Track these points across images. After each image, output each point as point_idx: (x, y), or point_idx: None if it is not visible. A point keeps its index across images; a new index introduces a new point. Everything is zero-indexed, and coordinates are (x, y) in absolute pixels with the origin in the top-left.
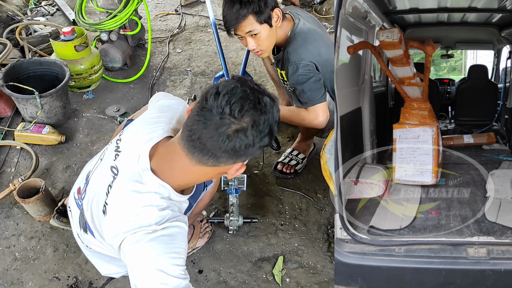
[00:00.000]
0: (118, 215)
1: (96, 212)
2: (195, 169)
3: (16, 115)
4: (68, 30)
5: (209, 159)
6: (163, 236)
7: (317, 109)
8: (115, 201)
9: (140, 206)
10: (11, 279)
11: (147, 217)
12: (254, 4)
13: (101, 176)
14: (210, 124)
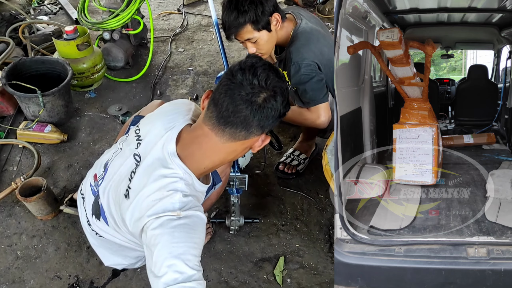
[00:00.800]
0: (142, 198)
1: (115, 197)
2: (225, 147)
3: (18, 114)
4: (71, 29)
5: (241, 132)
6: (185, 225)
7: (319, 109)
8: (139, 185)
9: (165, 190)
10: (13, 278)
11: (171, 201)
12: (251, 13)
13: (121, 164)
14: (242, 97)
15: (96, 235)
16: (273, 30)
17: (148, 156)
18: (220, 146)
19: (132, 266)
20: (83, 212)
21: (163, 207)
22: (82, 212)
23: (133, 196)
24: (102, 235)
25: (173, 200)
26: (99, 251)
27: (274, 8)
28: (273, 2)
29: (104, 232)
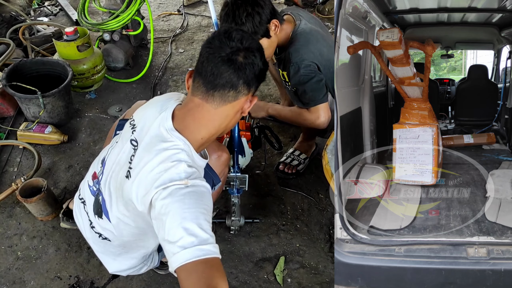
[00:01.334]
0: (146, 174)
1: (116, 185)
2: (217, 113)
3: (19, 115)
4: (71, 30)
5: (229, 92)
6: (194, 192)
7: (318, 110)
8: (141, 162)
9: (169, 161)
10: (13, 278)
11: (177, 172)
12: (248, 25)
13: (119, 152)
14: (223, 58)
15: (99, 237)
16: (273, 36)
17: (146, 137)
18: (213, 113)
19: (137, 272)
20: (85, 216)
21: (169, 177)
22: (84, 217)
23: (135, 174)
24: (106, 235)
25: (178, 170)
26: (103, 258)
27: (271, 14)
28: (270, 9)
29: (108, 231)
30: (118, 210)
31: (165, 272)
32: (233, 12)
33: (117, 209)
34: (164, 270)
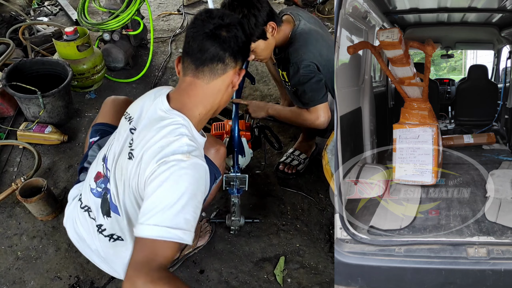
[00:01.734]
0: (149, 148)
1: (120, 172)
2: (209, 88)
3: (18, 115)
4: (71, 30)
5: (218, 65)
6: (192, 175)
7: (318, 110)
8: (142, 141)
9: (171, 136)
10: (13, 278)
11: (179, 145)
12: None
13: (120, 143)
14: (207, 34)
15: (110, 241)
16: (270, 38)
17: (143, 121)
18: (206, 88)
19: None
20: (91, 223)
21: (171, 150)
22: (90, 225)
23: (138, 153)
24: (118, 234)
25: (180, 143)
26: (115, 266)
27: (269, 16)
28: (267, 11)
29: (118, 228)
30: (128, 199)
31: (172, 269)
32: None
33: (127, 199)
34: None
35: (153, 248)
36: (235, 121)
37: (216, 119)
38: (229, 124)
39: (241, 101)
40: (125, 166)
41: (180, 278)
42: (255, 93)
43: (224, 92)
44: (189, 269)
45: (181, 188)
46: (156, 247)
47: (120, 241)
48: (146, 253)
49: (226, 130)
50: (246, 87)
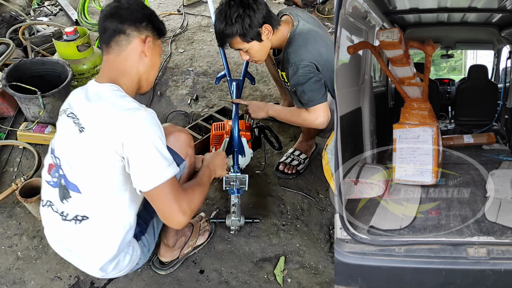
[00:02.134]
0: (100, 115)
1: (73, 150)
2: (122, 59)
3: (18, 115)
4: (71, 30)
5: (120, 37)
6: (151, 117)
7: (318, 110)
8: (89, 113)
9: (116, 97)
10: (13, 278)
11: (128, 102)
12: (237, 26)
13: (62, 131)
14: (106, 16)
15: (76, 223)
16: (265, 40)
17: (80, 102)
18: (118, 60)
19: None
20: (56, 216)
21: (124, 108)
22: (56, 219)
23: (89, 123)
24: (82, 213)
25: (129, 101)
26: (83, 258)
27: (265, 18)
28: (263, 13)
29: (80, 206)
30: (88, 169)
31: (165, 272)
32: (225, 11)
33: (88, 169)
34: (165, 270)
35: (167, 187)
36: (235, 121)
37: (216, 119)
38: (229, 124)
39: (241, 101)
40: (79, 140)
41: (180, 278)
42: (255, 93)
43: (139, 62)
44: (189, 269)
45: (154, 136)
46: (168, 186)
47: (86, 221)
48: (169, 194)
49: (226, 130)
50: (246, 87)
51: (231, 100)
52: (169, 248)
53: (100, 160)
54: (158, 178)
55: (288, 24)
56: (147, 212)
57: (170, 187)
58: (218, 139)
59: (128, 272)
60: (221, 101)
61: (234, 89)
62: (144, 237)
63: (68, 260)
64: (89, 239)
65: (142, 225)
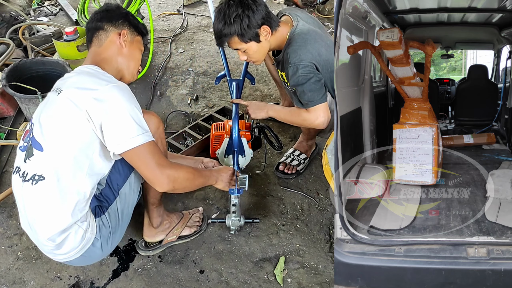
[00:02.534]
0: (77, 84)
1: (48, 110)
2: (101, 49)
3: (18, 115)
4: (71, 30)
5: (99, 32)
6: (125, 87)
7: (317, 110)
8: (69, 80)
9: (96, 73)
10: (13, 278)
11: (106, 76)
12: (236, 26)
13: (44, 103)
14: (88, 21)
15: (33, 184)
16: (263, 41)
17: (68, 79)
18: (99, 50)
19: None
20: (19, 179)
21: (101, 82)
22: (19, 183)
23: (66, 86)
24: (41, 172)
25: (106, 76)
26: (35, 220)
27: (264, 19)
28: (262, 14)
29: (39, 165)
30: (57, 126)
31: (146, 254)
32: (224, 10)
33: (57, 126)
34: (145, 251)
35: (146, 151)
36: (235, 121)
37: (216, 119)
38: (229, 124)
39: (241, 102)
40: (55, 101)
41: (180, 278)
42: (255, 93)
43: (118, 52)
44: (189, 269)
45: (128, 104)
46: (147, 149)
47: (41, 181)
48: (148, 156)
49: (226, 130)
50: (246, 87)
51: (231, 100)
52: (152, 228)
53: (70, 120)
54: (132, 141)
55: (288, 24)
56: (110, 191)
57: (149, 152)
58: (218, 139)
59: (87, 259)
60: (221, 101)
61: (234, 89)
62: (104, 216)
63: (31, 238)
64: (42, 203)
65: (103, 202)
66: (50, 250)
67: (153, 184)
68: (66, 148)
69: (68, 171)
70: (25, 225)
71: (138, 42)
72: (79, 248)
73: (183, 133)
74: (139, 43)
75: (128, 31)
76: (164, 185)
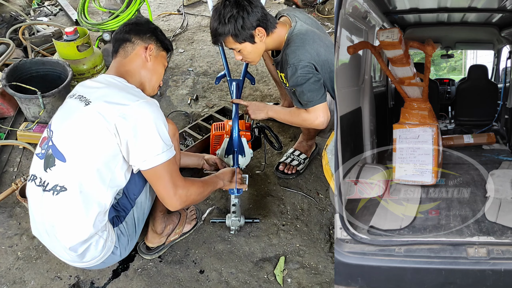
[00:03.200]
0: (108, 97)
1: (72, 122)
2: (126, 61)
3: (19, 115)
4: (71, 30)
5: (126, 44)
6: (153, 105)
7: (317, 110)
8: (98, 92)
9: (125, 87)
10: (14, 278)
11: (135, 91)
12: (230, 26)
13: (65, 109)
14: (117, 31)
15: (54, 194)
16: (258, 42)
17: (95, 89)
18: (125, 61)
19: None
20: (38, 190)
21: (132, 98)
22: (37, 193)
23: (95, 98)
24: (61, 183)
25: (138, 93)
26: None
27: (259, 21)
28: (258, 16)
29: (62, 176)
30: (80, 137)
31: (151, 257)
32: (219, 10)
33: (80, 137)
34: (150, 255)
35: (165, 170)
36: (235, 121)
37: (216, 119)
38: (229, 124)
39: (241, 102)
40: (82, 112)
41: (180, 278)
42: (255, 93)
43: (142, 65)
44: (189, 269)
45: (157, 121)
46: (165, 169)
47: (64, 192)
48: (166, 176)
49: (226, 130)
50: (246, 87)
51: (231, 100)
52: (156, 234)
53: (97, 133)
54: (156, 158)
55: (286, 25)
56: (127, 201)
57: (168, 170)
58: (218, 139)
59: (106, 264)
60: (221, 101)
61: (234, 89)
62: (122, 225)
63: (47, 246)
64: (64, 213)
65: (120, 212)
66: (71, 260)
67: (165, 203)
68: (90, 161)
69: (90, 184)
70: (39, 232)
71: (162, 57)
72: (100, 257)
73: (183, 133)
74: (164, 58)
75: (155, 46)
76: (175, 206)
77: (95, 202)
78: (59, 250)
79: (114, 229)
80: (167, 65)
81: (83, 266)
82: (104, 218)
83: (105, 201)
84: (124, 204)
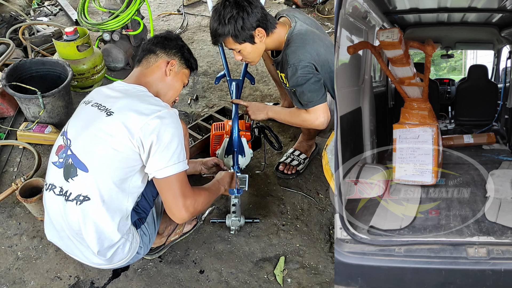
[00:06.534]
0: (130, 108)
1: (93, 131)
2: (148, 71)
3: (18, 115)
4: (71, 30)
5: (150, 55)
6: (174, 116)
7: (317, 110)
8: (119, 102)
9: (146, 97)
10: (13, 278)
11: (156, 101)
12: (230, 27)
13: (81, 117)
14: (146, 42)
15: (78, 204)
16: (258, 42)
17: (105, 95)
18: (146, 72)
19: (122, 253)
20: (59, 199)
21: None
22: (58, 203)
23: (117, 109)
24: (85, 193)
25: (159, 103)
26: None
27: (259, 22)
28: (258, 17)
29: (84, 186)
30: (102, 148)
31: (151, 257)
32: (219, 10)
33: (101, 148)
34: (150, 255)
35: (177, 180)
36: (235, 121)
37: (216, 119)
38: (229, 124)
39: (241, 102)
40: (104, 122)
41: (180, 278)
42: (255, 93)
43: (160, 79)
44: (189, 269)
45: (179, 132)
46: (178, 179)
47: (87, 202)
48: (177, 185)
49: (226, 130)
50: (246, 87)
51: (231, 100)
52: (158, 235)
53: (120, 144)
54: (173, 168)
55: (286, 25)
56: (146, 202)
57: (180, 181)
58: (218, 139)
59: (130, 262)
60: (221, 101)
61: (234, 89)
62: (144, 226)
63: (68, 251)
64: (90, 222)
65: (141, 214)
66: (99, 263)
67: (172, 213)
68: (113, 171)
69: (113, 192)
70: (59, 237)
71: (184, 74)
72: (126, 258)
73: None
74: (185, 76)
75: (178, 62)
76: (182, 217)
77: (117, 209)
78: (88, 255)
79: (137, 231)
80: (187, 83)
81: (110, 267)
82: (127, 222)
83: (127, 207)
84: (144, 206)
